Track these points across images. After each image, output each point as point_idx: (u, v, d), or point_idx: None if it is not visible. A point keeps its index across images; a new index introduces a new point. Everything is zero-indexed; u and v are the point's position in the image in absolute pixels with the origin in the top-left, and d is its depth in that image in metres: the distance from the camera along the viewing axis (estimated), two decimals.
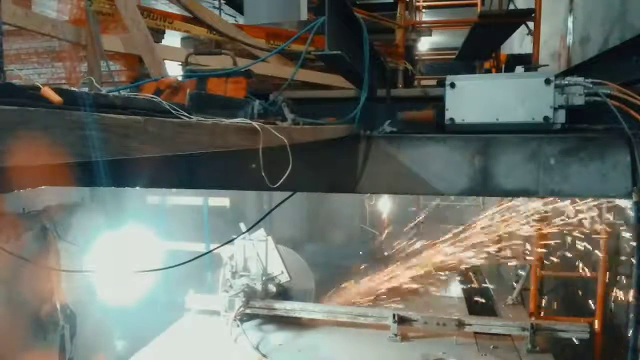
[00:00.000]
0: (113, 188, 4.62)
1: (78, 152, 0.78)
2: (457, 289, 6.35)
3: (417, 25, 5.58)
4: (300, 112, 2.23)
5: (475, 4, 6.47)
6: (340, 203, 10.36)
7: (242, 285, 5.00)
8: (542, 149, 2.59)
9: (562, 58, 6.10)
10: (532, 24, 4.98)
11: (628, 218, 4.06)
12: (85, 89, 1.43)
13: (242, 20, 4.38)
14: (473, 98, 2.57)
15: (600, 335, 4.65)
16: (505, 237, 6.30)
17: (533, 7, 4.95)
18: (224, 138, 1.23)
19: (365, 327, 4.78)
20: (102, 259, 5.87)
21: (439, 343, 4.46)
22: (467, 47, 5.93)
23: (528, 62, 5.23)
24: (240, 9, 5.05)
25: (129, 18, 2.64)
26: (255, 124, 1.37)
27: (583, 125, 2.58)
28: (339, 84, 3.21)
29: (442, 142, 2.71)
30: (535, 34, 4.93)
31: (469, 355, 4.26)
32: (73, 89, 0.98)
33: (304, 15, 3.36)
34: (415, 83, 5.47)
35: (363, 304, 6.20)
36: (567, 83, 2.45)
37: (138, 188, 3.31)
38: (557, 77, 2.47)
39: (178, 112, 1.18)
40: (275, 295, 5.18)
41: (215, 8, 6.39)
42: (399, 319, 4.54)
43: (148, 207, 7.47)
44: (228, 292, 4.99)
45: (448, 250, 6.67)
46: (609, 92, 2.41)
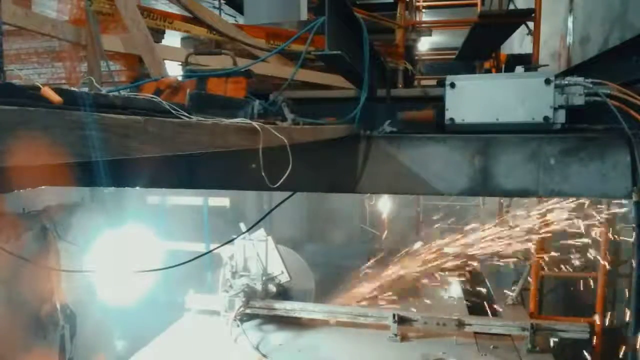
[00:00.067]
0: (113, 188, 4.62)
1: (78, 152, 0.78)
2: (457, 289, 6.33)
3: (417, 25, 5.58)
4: (300, 112, 2.23)
5: (475, 4, 6.47)
6: (340, 203, 10.35)
7: (242, 285, 5.00)
8: (542, 149, 2.59)
9: (562, 58, 6.11)
10: (532, 24, 4.99)
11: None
12: (85, 89, 1.43)
13: (242, 20, 4.38)
14: (473, 98, 2.57)
15: (600, 335, 4.65)
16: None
17: (533, 7, 4.95)
18: (224, 138, 1.23)
19: (365, 327, 4.78)
20: (102, 259, 5.87)
21: (439, 343, 4.45)
22: (467, 47, 5.93)
23: (528, 62, 5.24)
24: (240, 9, 5.04)
25: (129, 18, 2.64)
26: (255, 124, 1.37)
27: (583, 125, 2.58)
28: (339, 84, 3.21)
29: (442, 142, 2.71)
30: (535, 34, 4.94)
31: (469, 355, 4.26)
32: (73, 89, 0.98)
33: (304, 15, 3.35)
34: (415, 83, 5.47)
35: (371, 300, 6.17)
36: (567, 83, 2.45)
37: (138, 188, 3.30)
38: (557, 77, 2.47)
39: (178, 112, 1.17)
40: (275, 295, 5.18)
41: (215, 8, 6.38)
42: (399, 319, 4.54)
43: (148, 207, 7.47)
44: (228, 292, 4.99)
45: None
46: (609, 92, 2.40)
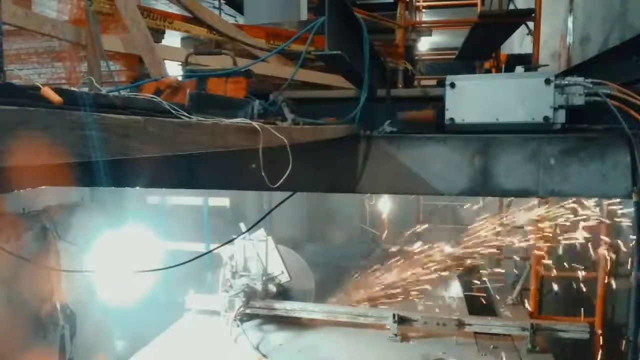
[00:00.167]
0: (113, 188, 4.61)
1: (78, 152, 0.77)
2: (457, 289, 6.33)
3: (417, 25, 5.58)
4: (300, 112, 2.23)
5: (475, 4, 6.47)
6: (340, 203, 10.35)
7: (242, 285, 5.01)
8: (542, 149, 2.59)
9: (562, 58, 6.11)
10: (532, 24, 4.99)
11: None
12: (85, 89, 1.43)
13: (242, 20, 4.38)
14: (473, 98, 2.57)
15: (600, 335, 4.65)
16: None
17: (533, 7, 4.95)
18: (224, 138, 1.23)
19: (365, 327, 4.78)
20: (102, 259, 5.87)
21: (439, 343, 4.46)
22: (467, 47, 5.93)
23: (528, 62, 5.24)
24: (240, 9, 5.04)
25: (129, 18, 2.64)
26: (255, 124, 1.37)
27: (583, 125, 2.57)
28: (339, 84, 3.21)
29: (442, 142, 2.71)
30: (535, 34, 4.94)
31: (469, 355, 4.26)
32: (73, 89, 0.98)
33: (304, 15, 3.35)
34: (415, 83, 5.47)
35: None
36: (567, 83, 2.45)
37: (138, 188, 3.30)
38: (557, 77, 2.47)
39: (178, 112, 1.17)
40: (276, 295, 5.18)
41: (215, 8, 6.37)
42: (399, 319, 4.54)
43: (148, 207, 7.47)
44: (228, 292, 4.99)
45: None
46: (609, 92, 2.40)
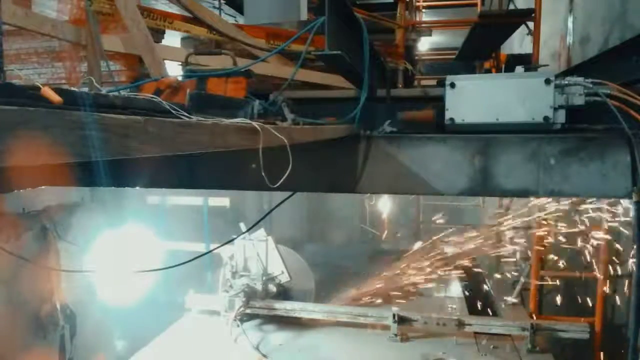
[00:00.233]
0: (113, 188, 4.61)
1: (78, 152, 0.77)
2: (457, 289, 6.33)
3: (417, 25, 5.58)
4: (300, 112, 2.23)
5: (475, 4, 6.47)
6: (340, 203, 10.36)
7: (242, 285, 5.00)
8: (542, 149, 2.59)
9: (562, 58, 6.10)
10: (532, 24, 4.99)
11: None
12: (85, 89, 1.43)
13: (242, 20, 4.38)
14: (473, 98, 2.57)
15: (600, 335, 4.65)
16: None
17: (533, 7, 4.95)
18: (224, 138, 1.23)
19: (365, 327, 4.78)
20: (102, 259, 5.86)
21: (439, 343, 4.46)
22: (467, 47, 5.93)
23: (528, 62, 5.23)
24: (240, 9, 5.04)
25: (129, 18, 2.64)
26: (255, 124, 1.37)
27: (583, 125, 2.58)
28: (339, 84, 3.21)
29: (442, 142, 2.71)
30: (535, 34, 4.94)
31: (469, 355, 4.26)
32: (73, 89, 0.98)
33: (304, 15, 3.35)
34: (415, 83, 5.47)
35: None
36: (567, 83, 2.45)
37: (138, 188, 3.30)
38: (557, 77, 2.47)
39: (178, 112, 1.17)
40: (276, 295, 5.18)
41: (215, 8, 6.37)
42: (399, 319, 4.54)
43: (148, 207, 7.46)
44: (228, 292, 4.99)
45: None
46: (609, 92, 2.40)
